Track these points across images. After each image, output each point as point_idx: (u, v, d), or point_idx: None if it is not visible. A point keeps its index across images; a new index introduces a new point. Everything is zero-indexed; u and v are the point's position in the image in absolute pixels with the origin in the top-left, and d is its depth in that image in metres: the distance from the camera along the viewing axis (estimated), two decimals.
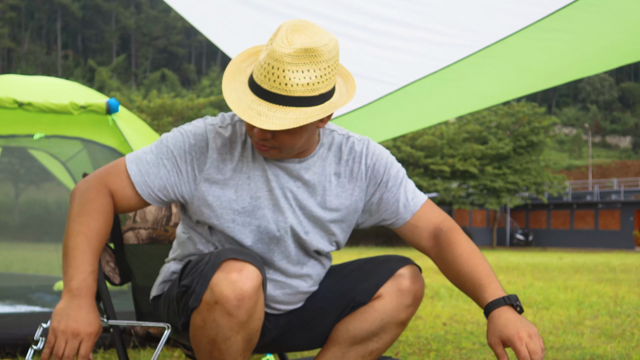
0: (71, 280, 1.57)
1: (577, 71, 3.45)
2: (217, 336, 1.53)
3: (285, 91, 1.51)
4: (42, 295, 4.57)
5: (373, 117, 3.97)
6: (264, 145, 1.62)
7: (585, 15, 2.66)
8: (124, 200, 1.68)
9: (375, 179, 1.79)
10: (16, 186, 7.12)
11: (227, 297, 1.49)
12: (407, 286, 1.75)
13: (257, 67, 1.55)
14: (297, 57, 1.50)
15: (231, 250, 1.55)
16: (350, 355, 1.79)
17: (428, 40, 3.14)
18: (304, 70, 1.51)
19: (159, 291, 1.83)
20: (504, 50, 3.04)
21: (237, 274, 1.50)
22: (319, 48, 1.52)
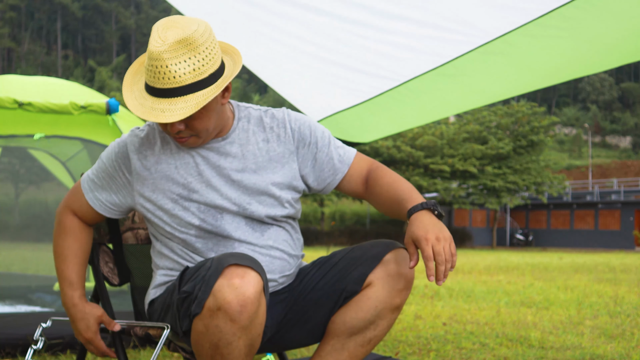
0: (65, 293, 1.88)
1: (577, 70, 3.44)
2: (220, 341, 1.54)
3: (176, 83, 1.62)
4: (42, 295, 4.57)
5: (373, 112, 3.96)
6: (182, 137, 1.73)
7: (585, 14, 2.66)
8: (86, 216, 1.89)
9: (304, 141, 1.87)
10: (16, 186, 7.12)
11: (229, 303, 1.50)
12: (397, 270, 1.76)
13: (145, 72, 1.67)
14: (173, 50, 1.61)
15: (233, 256, 1.56)
16: (350, 345, 1.81)
17: (428, 36, 3.13)
18: (185, 59, 1.62)
19: (153, 296, 1.85)
20: (504, 47, 3.04)
21: (239, 279, 1.51)
22: (191, 36, 1.62)
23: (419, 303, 6.04)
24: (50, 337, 3.13)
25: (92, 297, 2.03)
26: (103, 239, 2.07)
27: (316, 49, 3.44)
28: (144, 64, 1.72)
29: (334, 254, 1.89)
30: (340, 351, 1.81)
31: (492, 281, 8.88)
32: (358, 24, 3.12)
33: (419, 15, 2.99)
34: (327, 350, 1.82)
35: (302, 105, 4.10)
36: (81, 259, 1.87)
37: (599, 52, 3.17)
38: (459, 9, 2.90)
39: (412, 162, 31.86)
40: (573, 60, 3.30)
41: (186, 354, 1.86)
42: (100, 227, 2.07)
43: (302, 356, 3.34)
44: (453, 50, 3.15)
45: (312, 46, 3.43)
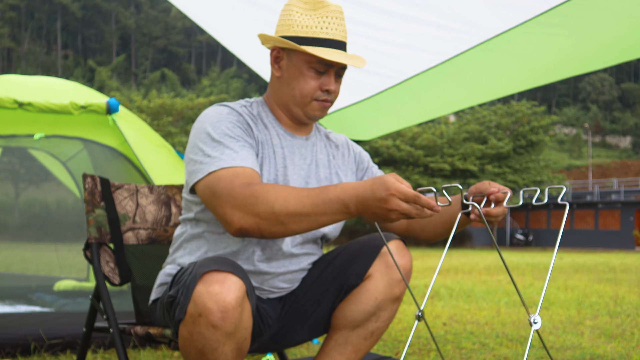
0: (341, 202, 1.52)
1: (576, 67, 3.45)
2: (205, 347, 1.53)
3: (345, 39, 1.75)
4: (42, 295, 4.56)
5: (373, 110, 3.97)
6: (327, 101, 1.78)
7: (585, 11, 2.66)
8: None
9: (362, 165, 1.98)
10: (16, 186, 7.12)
11: (210, 310, 1.48)
12: (397, 261, 1.77)
13: (315, 25, 1.71)
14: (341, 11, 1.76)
15: (213, 261, 1.54)
16: (353, 339, 1.82)
17: (428, 34, 3.14)
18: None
19: (157, 295, 1.83)
20: (504, 45, 3.04)
21: (218, 286, 1.49)
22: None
23: (419, 303, 6.05)
24: (50, 337, 3.13)
25: (92, 297, 2.03)
26: (104, 238, 2.07)
27: None
28: (281, 32, 1.74)
29: (331, 251, 1.91)
30: (344, 345, 1.82)
31: (492, 281, 8.88)
32: (358, 23, 3.12)
33: (419, 14, 3.00)
34: (331, 346, 1.83)
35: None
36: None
37: (599, 49, 3.17)
38: (459, 7, 2.90)
39: (412, 162, 31.84)
40: (572, 58, 3.31)
41: None
42: (102, 226, 2.07)
43: (302, 356, 3.34)
44: (453, 48, 3.15)
45: None
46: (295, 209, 1.52)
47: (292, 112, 1.80)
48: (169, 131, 28.60)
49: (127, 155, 3.87)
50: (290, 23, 1.73)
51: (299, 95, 1.76)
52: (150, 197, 2.21)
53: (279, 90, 1.80)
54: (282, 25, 1.76)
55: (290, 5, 1.76)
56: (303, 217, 1.52)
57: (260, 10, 3.20)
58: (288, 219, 1.52)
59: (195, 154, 1.67)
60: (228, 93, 59.56)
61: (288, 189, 1.55)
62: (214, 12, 3.41)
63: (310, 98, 1.76)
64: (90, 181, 2.10)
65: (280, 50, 1.77)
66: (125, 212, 2.15)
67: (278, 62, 1.79)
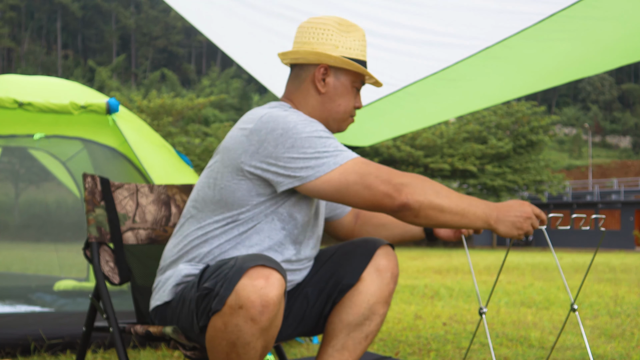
0: (485, 213, 1.72)
1: (577, 71, 3.45)
2: (238, 340, 1.55)
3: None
4: (42, 295, 4.57)
5: (373, 117, 3.97)
6: (353, 116, 1.92)
7: (585, 15, 2.66)
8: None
9: None
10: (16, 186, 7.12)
11: (252, 303, 1.52)
12: (385, 265, 1.87)
13: (357, 48, 1.87)
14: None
15: (258, 257, 1.58)
16: (349, 343, 1.86)
17: (428, 41, 3.14)
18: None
19: (172, 295, 1.79)
20: (504, 51, 3.04)
21: (263, 280, 1.53)
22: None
23: (419, 303, 6.04)
24: (50, 337, 3.13)
25: (92, 296, 2.04)
26: (104, 238, 2.07)
27: None
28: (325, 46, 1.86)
29: (323, 251, 1.98)
30: (340, 351, 1.86)
31: (492, 281, 8.89)
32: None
33: (419, 21, 3.00)
34: (329, 353, 1.87)
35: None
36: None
37: (600, 52, 3.17)
38: (458, 15, 2.90)
39: (412, 162, 31.85)
40: (573, 62, 3.31)
41: (186, 351, 1.86)
42: (102, 226, 2.07)
43: (302, 356, 3.35)
44: (453, 55, 3.15)
45: None
46: (454, 203, 1.69)
47: (328, 125, 1.89)
48: (169, 131, 28.60)
49: (127, 155, 3.87)
50: (335, 44, 1.85)
51: (342, 112, 1.88)
52: (150, 197, 2.21)
53: (318, 105, 1.87)
54: (323, 44, 1.85)
55: (326, 25, 1.86)
56: (457, 213, 1.69)
57: (258, 15, 3.20)
58: (446, 209, 1.68)
59: (304, 153, 1.69)
60: (228, 93, 59.58)
61: (441, 185, 1.73)
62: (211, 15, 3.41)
63: (349, 114, 1.90)
64: (90, 181, 2.10)
65: (327, 68, 1.86)
66: (125, 212, 2.15)
67: (324, 78, 1.86)
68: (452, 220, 1.69)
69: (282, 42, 3.44)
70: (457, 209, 1.69)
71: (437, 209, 1.67)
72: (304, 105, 1.88)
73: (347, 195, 1.70)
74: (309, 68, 1.86)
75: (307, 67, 1.87)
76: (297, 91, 1.88)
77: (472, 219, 1.70)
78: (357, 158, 1.71)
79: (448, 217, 1.69)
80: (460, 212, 1.69)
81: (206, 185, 1.82)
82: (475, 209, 1.71)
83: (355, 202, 1.70)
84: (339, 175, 1.69)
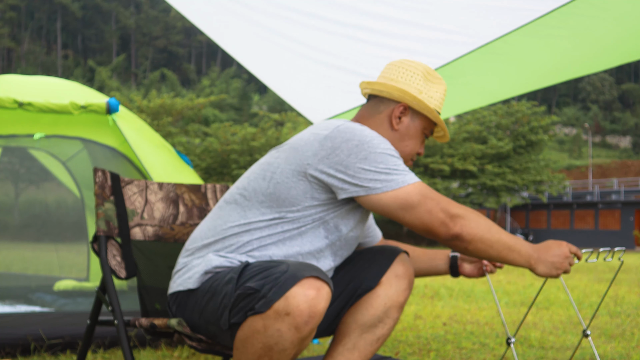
0: (528, 252, 1.82)
1: (577, 69, 3.45)
2: (276, 345, 1.56)
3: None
4: (42, 295, 4.56)
5: None
6: (412, 160, 2.02)
7: (585, 13, 2.66)
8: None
9: None
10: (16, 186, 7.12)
11: (301, 312, 1.53)
12: (403, 271, 1.94)
13: (437, 99, 1.96)
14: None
15: (311, 267, 1.60)
16: (360, 344, 1.90)
17: (428, 38, 3.14)
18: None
19: (198, 284, 1.77)
20: (504, 48, 3.04)
21: (315, 292, 1.55)
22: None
23: (419, 303, 6.04)
24: (50, 337, 3.13)
25: (99, 289, 2.05)
26: (112, 232, 2.08)
27: (316, 52, 3.45)
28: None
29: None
30: (351, 350, 1.90)
31: (492, 281, 8.89)
32: (356, 28, 3.12)
33: (418, 18, 3.00)
34: (339, 351, 1.90)
35: (301, 107, 4.10)
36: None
37: (599, 51, 3.17)
38: (458, 11, 2.90)
39: (412, 162, 31.88)
40: (573, 60, 3.31)
41: (191, 342, 1.83)
42: (110, 220, 2.08)
43: (302, 356, 3.34)
44: (453, 51, 3.15)
45: (312, 49, 3.44)
46: (502, 240, 1.79)
47: None
48: (169, 131, 28.59)
49: (127, 155, 3.87)
50: (419, 89, 1.93)
51: (407, 153, 1.96)
52: (159, 194, 2.22)
53: (388, 140, 1.92)
54: (409, 86, 1.93)
55: (416, 70, 1.95)
56: (503, 249, 1.79)
57: (258, 15, 3.20)
58: (495, 245, 1.78)
59: (375, 166, 1.76)
60: (228, 93, 59.57)
61: (491, 222, 1.82)
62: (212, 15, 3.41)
63: (411, 157, 1.98)
64: (100, 175, 2.11)
65: (407, 108, 1.94)
66: (133, 208, 2.16)
67: (400, 117, 1.94)
68: (499, 256, 1.80)
69: (282, 41, 3.44)
70: (505, 246, 1.79)
71: (486, 244, 1.77)
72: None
73: (407, 215, 1.77)
74: (389, 103, 1.93)
75: (387, 101, 1.94)
76: (370, 119, 1.94)
77: (515, 257, 1.80)
78: (422, 182, 1.80)
79: (495, 252, 1.79)
80: (506, 249, 1.79)
81: (260, 177, 1.82)
82: (520, 247, 1.80)
83: (413, 223, 1.78)
84: (405, 194, 1.76)
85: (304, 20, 3.15)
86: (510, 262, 1.81)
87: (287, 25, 3.22)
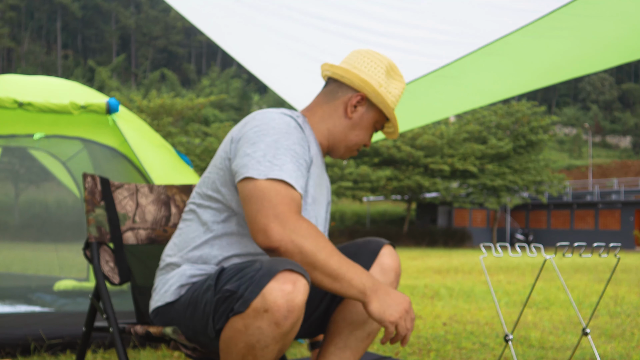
0: (362, 283, 1.65)
1: (577, 69, 3.45)
2: (258, 343, 1.55)
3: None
4: (42, 295, 4.56)
5: None
6: (357, 150, 1.96)
7: (585, 13, 2.66)
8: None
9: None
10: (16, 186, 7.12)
11: (279, 307, 1.51)
12: (389, 264, 1.91)
13: (395, 95, 1.92)
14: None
15: (285, 262, 1.58)
16: (351, 342, 1.89)
17: (428, 39, 3.14)
18: None
19: (176, 296, 1.78)
20: (504, 48, 3.04)
21: (291, 285, 1.53)
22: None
23: (419, 303, 6.04)
24: (50, 337, 3.13)
25: (92, 296, 2.03)
26: (104, 238, 2.07)
27: (315, 51, 3.45)
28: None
29: None
30: (343, 349, 1.88)
31: (492, 281, 8.89)
32: (356, 29, 3.12)
33: (418, 19, 3.00)
34: (331, 351, 1.89)
35: (301, 107, 4.10)
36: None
37: (599, 50, 3.17)
38: (458, 12, 2.90)
39: (412, 162, 31.86)
40: (573, 59, 3.31)
41: (187, 351, 1.85)
42: (102, 226, 2.07)
43: (302, 356, 3.34)
44: (453, 52, 3.15)
45: (312, 49, 3.43)
46: (333, 266, 1.63)
47: (337, 148, 1.94)
48: (169, 131, 28.58)
49: (127, 155, 3.87)
50: (380, 82, 1.90)
51: (355, 142, 1.93)
52: (150, 197, 2.21)
53: (340, 127, 1.91)
54: (370, 77, 1.89)
55: (381, 63, 1.91)
56: (331, 276, 1.63)
57: (259, 14, 3.20)
58: (321, 270, 1.63)
59: (254, 152, 1.69)
60: (228, 93, 59.57)
61: (331, 244, 1.67)
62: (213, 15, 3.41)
63: (358, 148, 1.95)
64: (90, 180, 2.10)
65: (364, 99, 1.90)
66: (125, 212, 2.14)
67: (357, 106, 1.91)
68: (323, 281, 1.63)
69: (283, 40, 3.44)
70: (331, 273, 1.62)
71: (312, 267, 1.62)
72: (327, 121, 1.91)
73: (244, 208, 1.68)
74: (347, 90, 1.90)
75: (346, 88, 1.91)
76: (326, 105, 1.92)
77: (345, 285, 1.63)
78: (276, 182, 1.66)
79: (320, 277, 1.63)
80: (334, 274, 1.62)
81: (205, 178, 1.88)
82: (352, 276, 1.63)
83: (246, 219, 1.68)
84: (252, 186, 1.67)
85: (304, 19, 3.15)
86: (338, 292, 1.64)
87: (287, 24, 3.22)
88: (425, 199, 34.90)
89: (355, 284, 1.63)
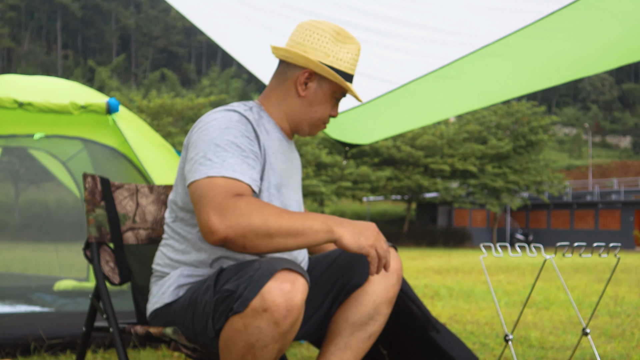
0: (324, 223, 1.63)
1: (577, 70, 3.44)
2: (257, 342, 1.54)
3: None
4: (42, 295, 4.56)
5: (373, 115, 3.97)
6: (324, 124, 1.93)
7: (586, 14, 2.66)
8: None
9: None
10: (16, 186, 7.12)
11: (278, 307, 1.51)
12: (392, 266, 1.89)
13: (350, 64, 1.85)
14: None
15: (284, 261, 1.58)
16: (352, 343, 1.88)
17: (428, 39, 3.14)
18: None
19: (174, 297, 1.79)
20: (504, 49, 3.04)
21: (290, 284, 1.53)
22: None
23: None
24: (50, 337, 3.13)
25: (93, 296, 2.03)
26: (104, 238, 2.07)
27: None
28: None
29: (328, 253, 1.98)
30: (344, 350, 1.87)
31: (492, 281, 8.89)
32: (357, 28, 3.12)
33: (419, 19, 3.00)
34: (331, 351, 1.88)
35: None
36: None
37: (600, 52, 3.17)
38: (459, 12, 2.90)
39: (412, 162, 31.87)
40: (574, 61, 3.30)
41: (188, 351, 1.85)
42: (102, 226, 2.07)
43: (302, 356, 3.34)
44: (453, 52, 3.15)
45: None
46: (287, 225, 1.59)
47: (301, 127, 1.91)
48: (169, 131, 28.59)
49: (127, 155, 3.87)
50: (327, 52, 1.83)
51: (317, 118, 1.89)
52: (150, 197, 2.21)
53: (296, 107, 1.88)
54: (315, 50, 1.83)
55: (324, 32, 1.84)
56: (291, 234, 1.59)
57: (259, 13, 3.20)
58: (278, 234, 1.59)
59: (196, 154, 1.70)
60: (228, 93, 59.55)
61: (278, 207, 1.63)
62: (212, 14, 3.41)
63: (323, 121, 1.91)
64: (90, 180, 2.10)
65: (312, 74, 1.85)
66: (125, 212, 2.15)
67: (307, 82, 1.86)
68: (288, 243, 1.60)
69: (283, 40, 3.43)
70: (289, 233, 1.59)
71: (268, 236, 1.58)
72: (282, 104, 1.89)
73: (196, 213, 1.64)
74: (295, 69, 1.86)
75: (293, 67, 1.86)
76: (278, 88, 1.89)
77: (309, 235, 1.60)
78: (215, 178, 1.63)
79: (283, 240, 1.59)
80: (294, 231, 1.59)
81: (176, 187, 1.91)
82: (311, 224, 1.60)
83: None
84: (194, 188, 1.65)
85: (304, 19, 3.15)
86: (309, 245, 1.61)
87: (287, 24, 3.22)
88: (425, 199, 34.90)
89: (319, 228, 1.61)
